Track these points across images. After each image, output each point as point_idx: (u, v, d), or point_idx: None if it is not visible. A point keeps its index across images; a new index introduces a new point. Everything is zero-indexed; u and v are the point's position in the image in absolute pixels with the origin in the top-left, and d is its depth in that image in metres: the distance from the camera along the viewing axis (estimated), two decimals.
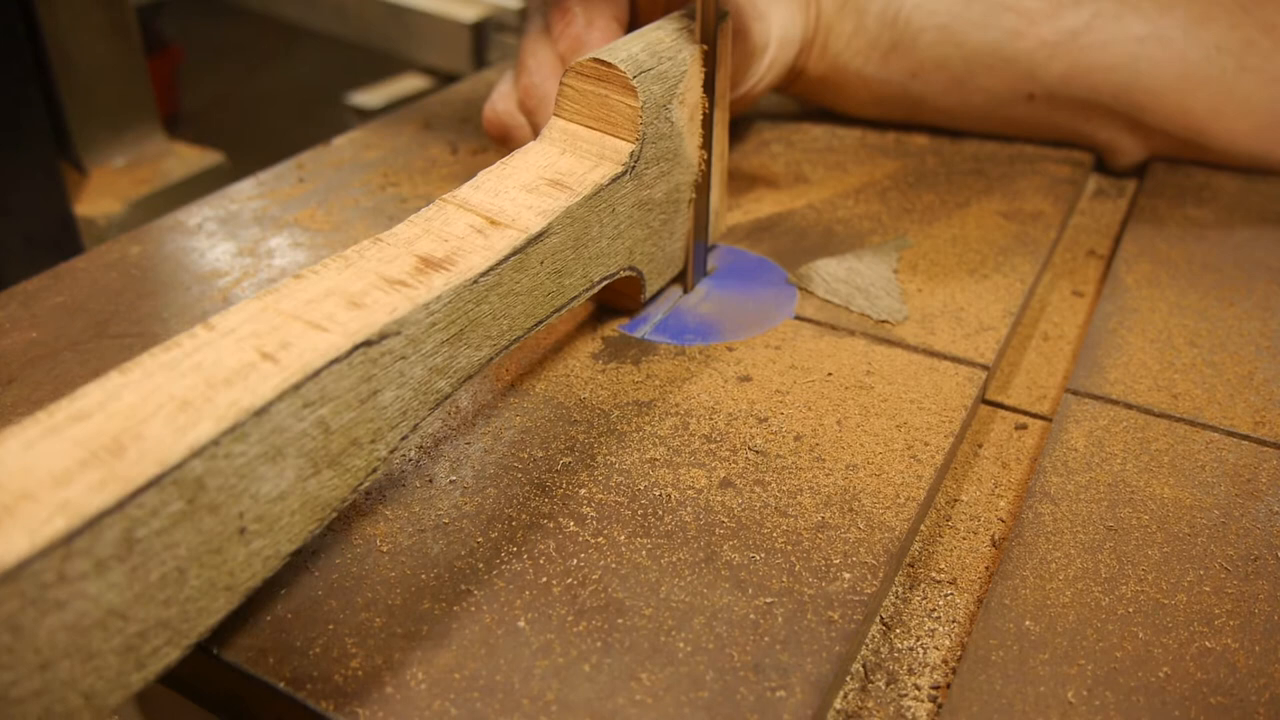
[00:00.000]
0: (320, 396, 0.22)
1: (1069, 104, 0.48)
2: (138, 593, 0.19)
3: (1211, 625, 0.25)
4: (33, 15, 0.75)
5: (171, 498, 0.19)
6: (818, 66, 0.49)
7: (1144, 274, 0.41)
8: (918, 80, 0.49)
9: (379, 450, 0.24)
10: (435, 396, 0.26)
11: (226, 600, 0.21)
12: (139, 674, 0.20)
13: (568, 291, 0.30)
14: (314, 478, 0.22)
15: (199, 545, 0.20)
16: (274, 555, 0.22)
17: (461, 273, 0.25)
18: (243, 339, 0.22)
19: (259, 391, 0.20)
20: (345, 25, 2.04)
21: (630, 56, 0.31)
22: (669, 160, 0.34)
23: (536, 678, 0.23)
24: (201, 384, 0.20)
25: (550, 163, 0.31)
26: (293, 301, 0.23)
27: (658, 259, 0.35)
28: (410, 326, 0.24)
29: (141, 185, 0.82)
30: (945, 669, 0.26)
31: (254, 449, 0.20)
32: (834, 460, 0.30)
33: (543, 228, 0.28)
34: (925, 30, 0.47)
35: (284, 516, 0.22)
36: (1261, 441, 0.32)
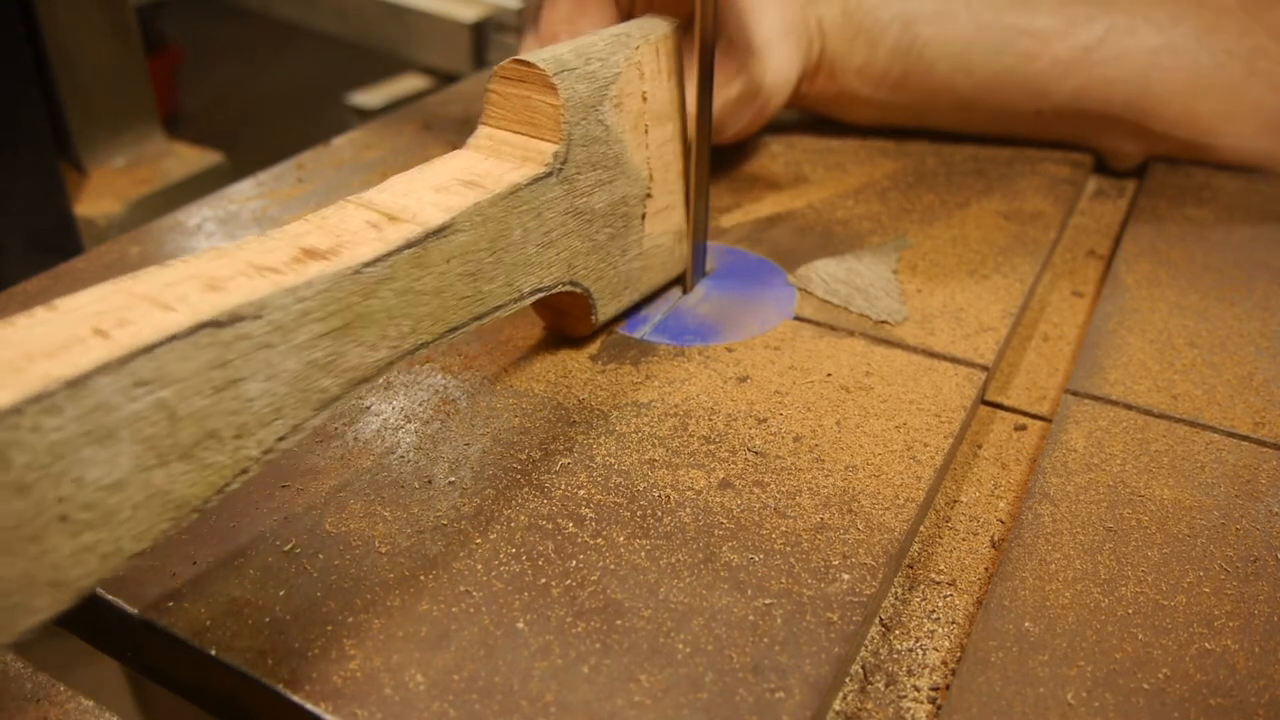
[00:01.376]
0: (157, 376, 0.20)
1: (1077, 115, 0.48)
2: None
3: (1211, 626, 0.25)
4: (33, 15, 0.75)
5: None
6: (825, 89, 0.49)
7: (1144, 274, 0.41)
8: (926, 101, 0.49)
9: (247, 448, 0.22)
10: (319, 396, 0.23)
11: (53, 598, 0.19)
12: None
13: (489, 299, 0.29)
14: (160, 469, 0.20)
15: (7, 529, 0.18)
16: (114, 553, 0.20)
17: (342, 262, 0.24)
18: (81, 318, 0.20)
19: (78, 364, 0.19)
20: (345, 25, 2.04)
21: (553, 56, 0.30)
22: (608, 168, 0.32)
23: (535, 679, 0.23)
24: (19, 357, 0.18)
25: (469, 165, 0.30)
26: (148, 284, 0.21)
27: (608, 277, 0.34)
28: (273, 311, 0.22)
29: (141, 185, 0.82)
30: (944, 670, 0.26)
31: (72, 425, 0.18)
32: (833, 461, 0.30)
33: (444, 222, 0.26)
34: (939, 60, 0.47)
35: (123, 509, 0.20)
36: (1261, 442, 0.32)
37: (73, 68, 0.79)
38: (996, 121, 0.49)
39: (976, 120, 0.50)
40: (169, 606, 0.25)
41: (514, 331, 0.36)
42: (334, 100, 1.73)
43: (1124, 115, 0.47)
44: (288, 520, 0.27)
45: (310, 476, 0.29)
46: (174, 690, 0.27)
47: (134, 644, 0.26)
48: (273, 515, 0.28)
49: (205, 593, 0.25)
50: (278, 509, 0.28)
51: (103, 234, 0.77)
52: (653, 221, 0.35)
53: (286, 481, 0.29)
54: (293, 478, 0.29)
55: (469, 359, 0.34)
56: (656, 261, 0.36)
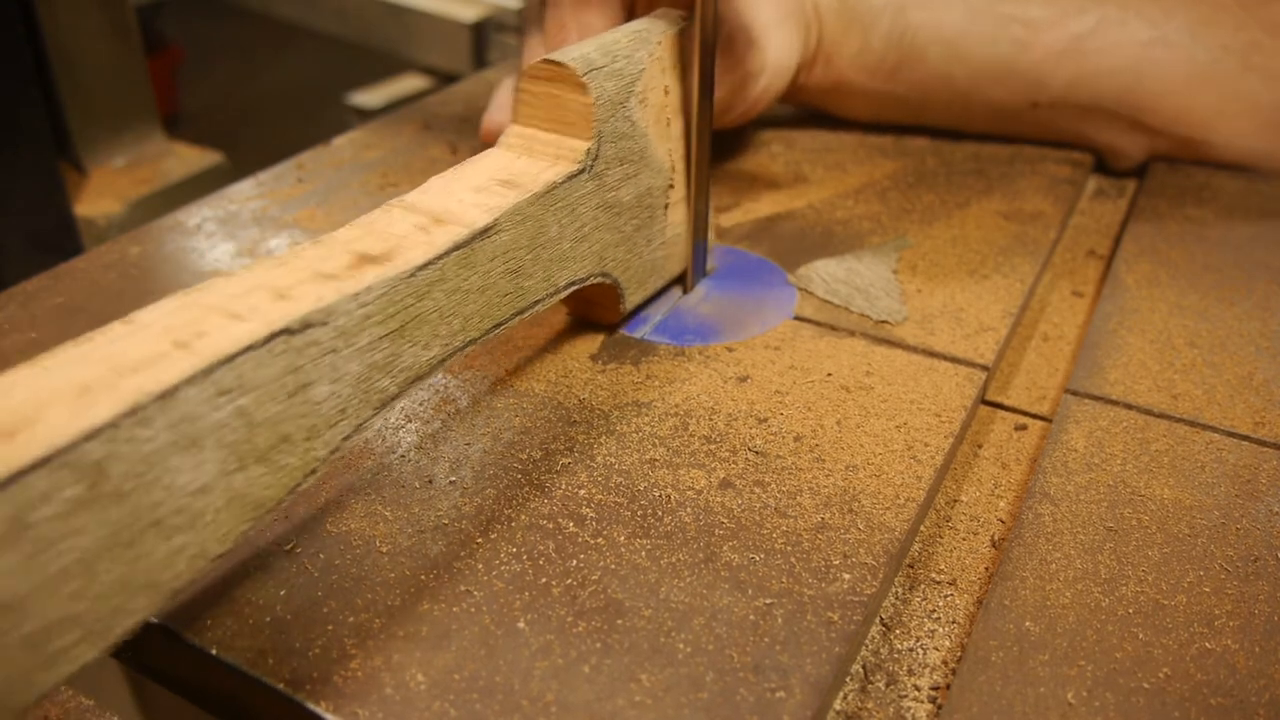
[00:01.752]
0: (238, 384, 0.21)
1: (1072, 109, 0.48)
2: (36, 584, 0.18)
3: (1211, 626, 0.25)
4: (33, 15, 0.75)
5: (66, 481, 0.18)
6: (820, 82, 0.49)
7: (1144, 274, 0.41)
8: (922, 93, 0.49)
9: (316, 449, 0.23)
10: (379, 395, 0.25)
11: (149, 600, 0.20)
12: (48, 673, 0.19)
13: (529, 294, 0.30)
14: (240, 473, 0.21)
15: (107, 536, 0.19)
16: (199, 555, 0.21)
17: (397, 266, 0.25)
18: (159, 331, 0.21)
19: (165, 376, 0.19)
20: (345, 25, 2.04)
21: (581, 55, 0.31)
22: (634, 162, 0.33)
23: (536, 679, 0.23)
24: (108, 372, 0.19)
25: (505, 165, 0.31)
26: (217, 295, 0.22)
27: (634, 267, 0.35)
28: (339, 317, 0.23)
29: (141, 185, 0.82)
30: (945, 670, 0.26)
31: (162, 435, 0.19)
32: (834, 461, 0.30)
33: (488, 223, 0.27)
34: (932, 46, 0.47)
35: (208, 513, 0.21)
36: (1261, 442, 0.32)
37: (73, 68, 0.79)
38: (994, 116, 0.49)
39: (974, 114, 0.50)
40: (169, 606, 0.25)
41: (514, 331, 0.36)
42: (334, 100, 1.73)
43: (1119, 109, 0.47)
44: (288, 520, 0.27)
45: None
46: (174, 690, 0.27)
47: (134, 643, 0.26)
48: (273, 515, 0.27)
49: (206, 592, 0.25)
50: (278, 509, 0.28)
51: (103, 234, 0.77)
52: (674, 211, 0.36)
53: None
54: None
55: (469, 359, 0.34)
56: (678, 250, 0.37)
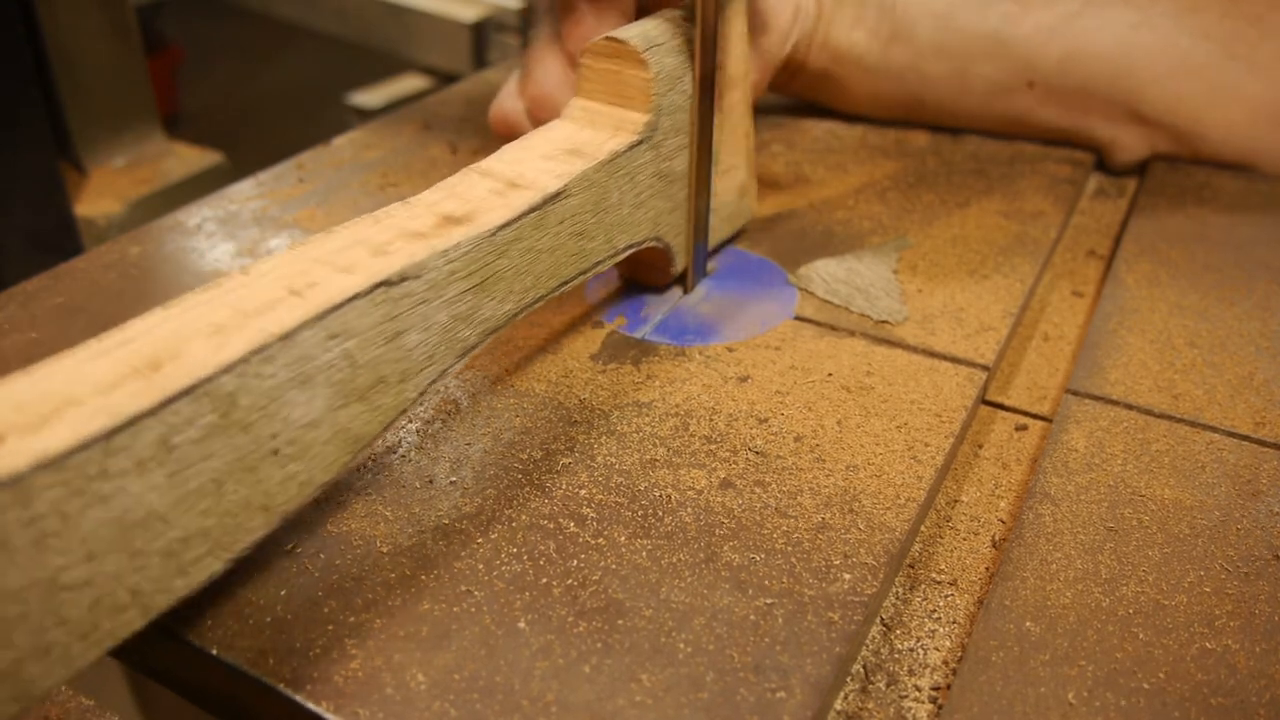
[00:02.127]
0: (344, 329, 0.23)
1: (1068, 94, 0.48)
2: (177, 498, 0.20)
3: (1212, 626, 0.25)
4: (33, 15, 0.75)
5: (205, 409, 0.20)
6: (819, 60, 0.49)
7: (1144, 274, 0.41)
8: (917, 71, 0.49)
9: (407, 391, 0.26)
10: (460, 344, 0.27)
11: (264, 520, 0.22)
12: (182, 580, 0.21)
13: (591, 255, 0.32)
14: (344, 409, 0.24)
15: (234, 460, 0.21)
16: (308, 482, 0.23)
17: (480, 226, 0.27)
18: (274, 280, 0.23)
19: (285, 320, 0.22)
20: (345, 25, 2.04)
21: (641, 32, 0.33)
22: (687, 133, 0.35)
23: (536, 679, 0.23)
24: (234, 314, 0.22)
25: (570, 135, 0.33)
26: (322, 250, 0.25)
27: (685, 232, 0.37)
28: (430, 271, 0.25)
29: (141, 185, 0.82)
30: (945, 670, 0.26)
31: (282, 372, 0.22)
32: (834, 461, 0.30)
33: (559, 188, 0.29)
34: (922, 19, 0.48)
35: (316, 445, 0.23)
36: (1262, 442, 0.32)
37: (73, 68, 0.79)
38: (993, 99, 0.50)
39: (972, 97, 0.50)
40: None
41: (515, 331, 0.36)
42: (334, 100, 1.73)
43: (1112, 94, 0.48)
44: (289, 520, 0.27)
45: None
46: (174, 690, 0.27)
47: (134, 644, 0.26)
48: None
49: (206, 592, 0.25)
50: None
51: (103, 234, 0.77)
52: (720, 180, 0.39)
53: None
54: None
55: (470, 359, 0.34)
56: (721, 217, 0.40)
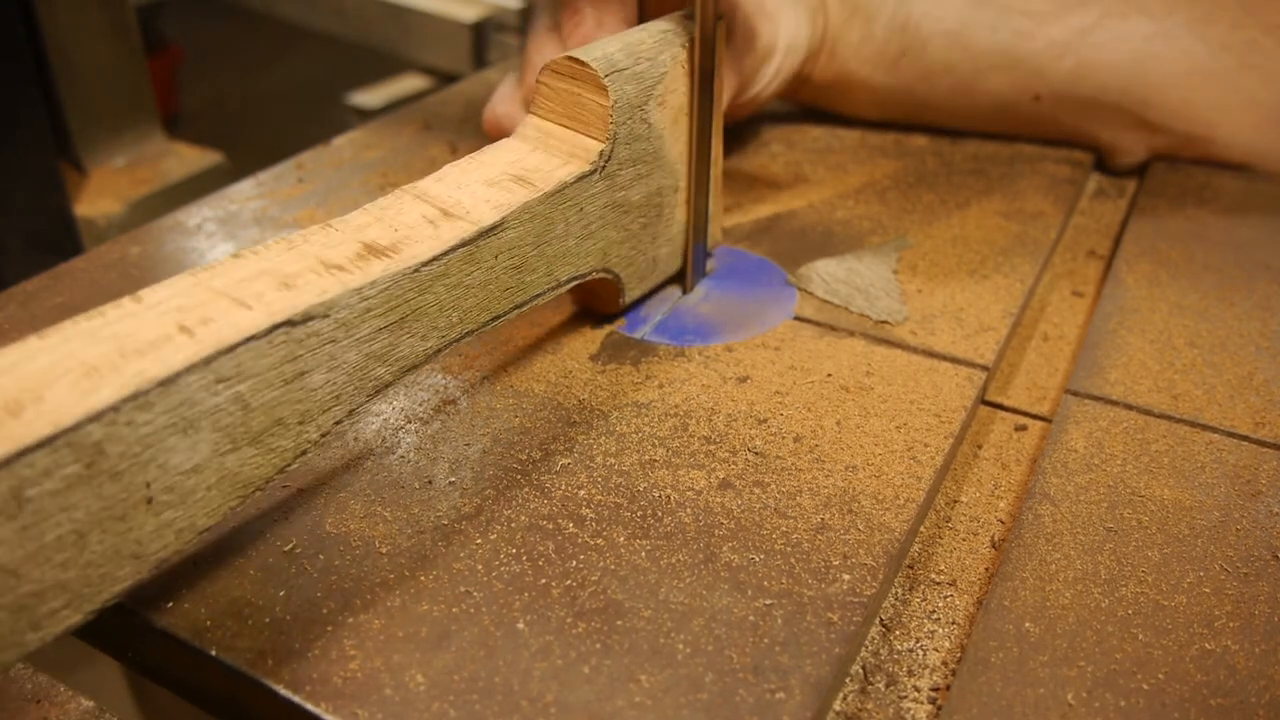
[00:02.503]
0: (236, 372, 0.22)
1: (1075, 103, 0.48)
2: (29, 552, 0.19)
3: (1211, 627, 0.25)
4: (33, 15, 0.75)
5: (66, 460, 0.19)
6: (824, 74, 0.49)
7: (1144, 274, 0.41)
8: (925, 84, 0.49)
9: (308, 433, 0.24)
10: (373, 383, 0.25)
11: (133, 569, 0.21)
12: (35, 634, 0.20)
13: (529, 288, 0.30)
14: (232, 454, 0.22)
15: (100, 510, 0.20)
16: (187, 528, 0.22)
17: (403, 260, 0.25)
18: (165, 312, 0.22)
19: (169, 363, 0.20)
20: (345, 25, 2.04)
21: (605, 56, 0.31)
22: (647, 163, 0.33)
23: (535, 679, 0.23)
24: (114, 352, 0.20)
25: (519, 159, 0.31)
26: (225, 279, 0.23)
27: (637, 263, 0.35)
28: (340, 310, 0.24)
29: (141, 185, 0.82)
30: (945, 671, 0.26)
31: (161, 419, 0.20)
32: (833, 461, 0.30)
33: (495, 221, 0.28)
34: (934, 37, 0.47)
35: (198, 490, 0.22)
36: (1261, 442, 0.32)
37: (73, 68, 0.79)
38: (997, 109, 0.49)
39: (978, 107, 0.50)
40: (169, 607, 0.25)
41: (514, 331, 0.36)
42: (334, 100, 1.73)
43: (1122, 103, 0.48)
44: (288, 520, 0.27)
45: (310, 476, 0.29)
46: (174, 690, 0.27)
47: (134, 644, 0.26)
48: (273, 515, 0.28)
49: (205, 593, 0.25)
50: (278, 509, 0.28)
51: (103, 234, 0.77)
52: (683, 209, 0.37)
53: (287, 482, 0.29)
54: (293, 478, 0.29)
55: (469, 359, 0.34)
56: (680, 247, 0.38)
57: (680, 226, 0.37)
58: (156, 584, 0.25)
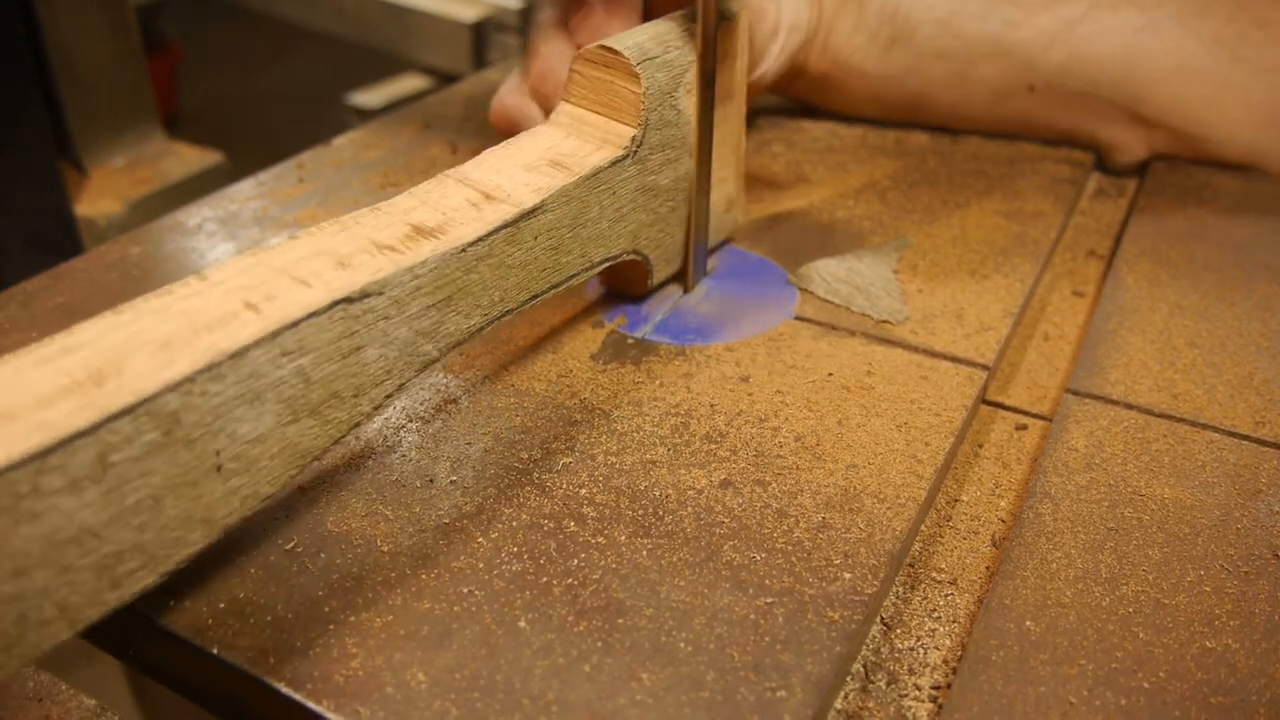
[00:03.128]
0: (299, 347, 0.23)
1: (1069, 97, 0.48)
2: (112, 515, 0.20)
3: (1212, 625, 0.25)
4: (33, 15, 0.75)
5: (146, 428, 0.20)
6: (819, 63, 0.49)
7: (1144, 274, 0.41)
8: (918, 74, 0.49)
9: (362, 406, 0.25)
10: (421, 359, 0.27)
11: (203, 533, 0.22)
12: (114, 593, 0.21)
13: (565, 269, 0.31)
14: (293, 425, 0.23)
15: (175, 477, 0.21)
16: (252, 495, 0.23)
17: (450, 241, 0.26)
18: (231, 290, 0.23)
19: (238, 337, 0.21)
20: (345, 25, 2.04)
21: (636, 44, 0.32)
22: (675, 148, 0.34)
23: (537, 678, 0.23)
24: (185, 327, 0.21)
25: (554, 144, 0.32)
26: (283, 258, 0.24)
27: (665, 246, 0.36)
28: (393, 288, 0.25)
29: (141, 185, 0.82)
30: (946, 669, 0.26)
31: (230, 390, 0.21)
32: (834, 460, 0.30)
33: (536, 204, 0.29)
34: (924, 24, 0.48)
35: (262, 459, 0.23)
36: (1262, 442, 0.32)
37: (73, 68, 0.79)
38: (993, 99, 0.49)
39: (973, 100, 0.50)
40: (171, 605, 0.25)
41: (514, 331, 0.36)
42: (334, 100, 1.73)
43: (1115, 97, 0.48)
44: (289, 519, 0.27)
45: (312, 475, 0.29)
46: (175, 689, 0.27)
47: (136, 643, 0.26)
48: (274, 514, 0.28)
49: (207, 591, 0.25)
50: (279, 507, 0.28)
51: (103, 234, 0.77)
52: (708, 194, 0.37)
53: None
54: None
55: (470, 358, 0.34)
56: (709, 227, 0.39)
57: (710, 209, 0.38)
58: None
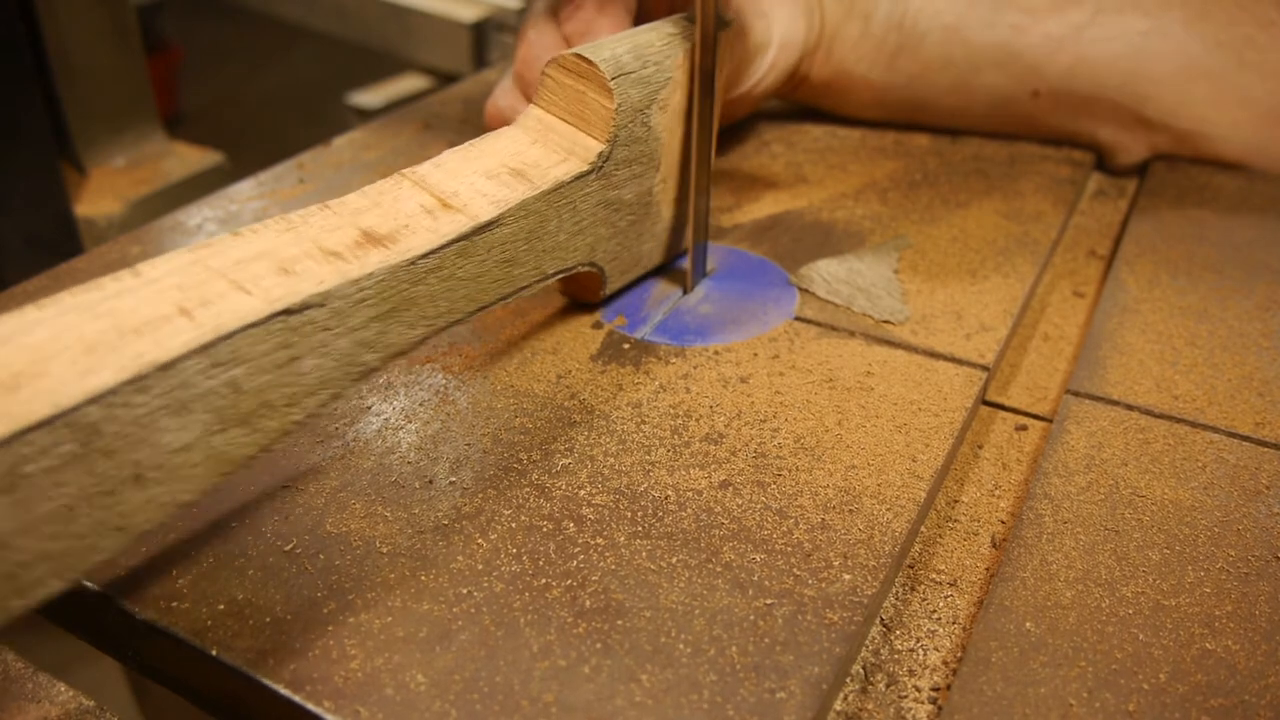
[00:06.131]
0: (232, 357, 0.22)
1: (1073, 100, 0.48)
2: (22, 524, 0.19)
3: (1212, 627, 0.25)
4: (33, 15, 0.75)
5: (63, 439, 0.19)
6: (822, 72, 0.49)
7: (1144, 274, 0.41)
8: (923, 81, 0.49)
9: (293, 415, 0.24)
10: (359, 369, 0.26)
11: (116, 540, 0.21)
12: (19, 600, 0.20)
13: (516, 281, 0.30)
14: (221, 434, 0.22)
15: (90, 486, 0.20)
16: (170, 503, 0.22)
17: (400, 253, 0.25)
18: (164, 290, 0.22)
19: (168, 346, 0.20)
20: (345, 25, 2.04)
21: (613, 57, 0.31)
22: (642, 164, 0.34)
23: (536, 679, 0.23)
24: (112, 330, 0.20)
25: (518, 151, 0.31)
26: (223, 259, 0.23)
27: (622, 258, 0.36)
28: (336, 300, 0.24)
29: (141, 185, 0.82)
30: (945, 670, 0.26)
31: (156, 401, 0.20)
32: (834, 461, 0.30)
33: (492, 217, 0.28)
34: (930, 32, 0.47)
35: (184, 468, 0.22)
36: (1262, 442, 0.32)
37: (73, 68, 0.79)
38: (996, 105, 0.49)
39: (976, 104, 0.50)
40: (170, 606, 0.25)
41: (514, 331, 0.36)
42: (334, 100, 1.73)
43: (1119, 100, 0.48)
44: (288, 520, 0.27)
45: (311, 476, 0.29)
46: (174, 690, 0.27)
47: (135, 644, 0.26)
48: (273, 515, 0.28)
49: (206, 593, 0.25)
50: (278, 509, 0.28)
51: (103, 234, 0.77)
52: (670, 206, 0.37)
53: (287, 481, 0.29)
54: (293, 478, 0.29)
55: (469, 359, 0.34)
56: (665, 243, 0.38)
57: (666, 223, 0.37)
58: (158, 583, 0.25)
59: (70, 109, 0.80)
